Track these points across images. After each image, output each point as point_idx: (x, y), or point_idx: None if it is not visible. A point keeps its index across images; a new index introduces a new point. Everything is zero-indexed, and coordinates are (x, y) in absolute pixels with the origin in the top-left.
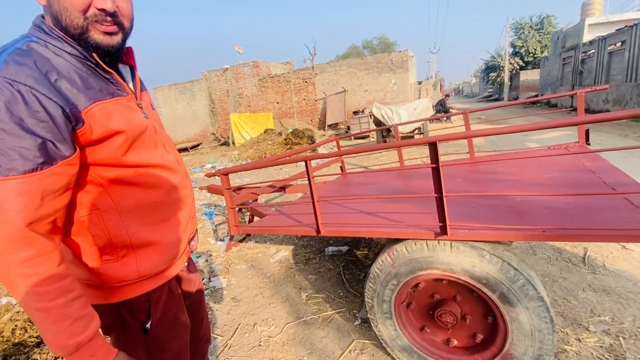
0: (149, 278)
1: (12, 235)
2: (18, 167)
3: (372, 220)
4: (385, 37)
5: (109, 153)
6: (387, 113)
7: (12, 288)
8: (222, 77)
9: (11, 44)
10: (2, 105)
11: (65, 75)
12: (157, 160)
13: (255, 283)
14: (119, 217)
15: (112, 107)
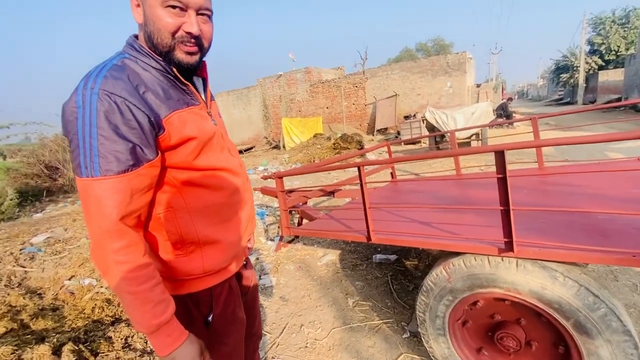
0: (212, 274)
1: (109, 227)
2: (113, 168)
3: (426, 231)
4: (440, 39)
5: (182, 157)
6: (442, 118)
7: (107, 273)
8: (276, 83)
9: (109, 60)
10: (102, 115)
11: (150, 87)
12: (222, 163)
13: (303, 284)
14: (189, 215)
15: (187, 115)
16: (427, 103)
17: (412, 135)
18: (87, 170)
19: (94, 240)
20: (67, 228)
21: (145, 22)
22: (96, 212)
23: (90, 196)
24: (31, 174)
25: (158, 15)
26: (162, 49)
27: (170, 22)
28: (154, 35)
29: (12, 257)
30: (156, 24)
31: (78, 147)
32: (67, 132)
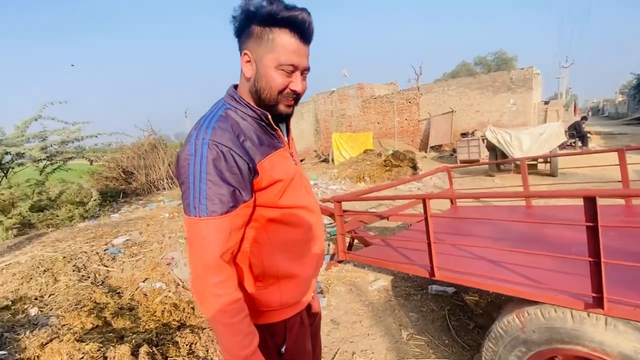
0: (288, 307)
1: (211, 263)
2: (218, 210)
3: (496, 271)
4: (502, 52)
5: (270, 197)
6: (505, 138)
7: (204, 304)
8: (329, 99)
9: (215, 111)
10: (211, 162)
11: (248, 136)
12: (301, 202)
13: (354, 309)
14: (272, 250)
15: (276, 159)
16: (488, 121)
17: (469, 154)
18: (196, 211)
19: (195, 273)
20: (142, 232)
21: (255, 78)
22: (200, 248)
23: (196, 234)
24: (111, 177)
25: (272, 76)
26: (267, 103)
27: (281, 82)
28: (264, 92)
29: (97, 257)
30: (269, 82)
31: (189, 189)
32: (180, 175)
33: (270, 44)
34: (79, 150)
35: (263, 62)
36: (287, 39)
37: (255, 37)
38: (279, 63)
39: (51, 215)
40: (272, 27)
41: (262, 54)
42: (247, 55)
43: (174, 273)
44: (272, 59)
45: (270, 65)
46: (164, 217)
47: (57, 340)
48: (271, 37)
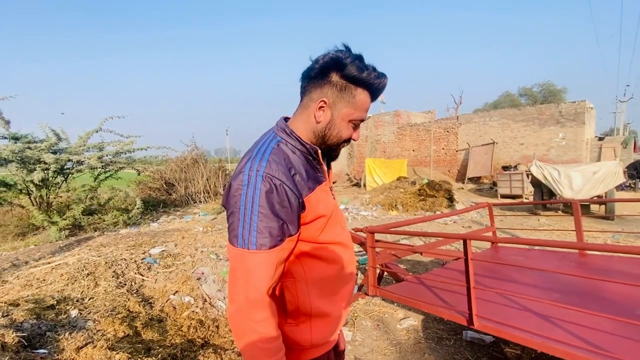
0: (317, 346)
1: (257, 298)
2: (267, 243)
3: (546, 328)
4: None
5: (311, 232)
6: (553, 174)
7: (243, 339)
8: (364, 124)
9: (268, 142)
10: (264, 194)
11: (297, 170)
12: (338, 238)
13: (380, 347)
14: (307, 286)
15: (320, 194)
16: (533, 155)
17: (511, 188)
18: (244, 243)
19: (237, 306)
20: (177, 244)
21: (328, 125)
22: (245, 281)
23: (242, 265)
24: (154, 187)
25: (344, 127)
26: (330, 147)
27: (348, 134)
28: (332, 138)
29: (135, 265)
30: (340, 133)
31: (239, 220)
32: (229, 205)
33: (351, 100)
34: (130, 161)
35: (340, 114)
36: (365, 99)
37: (336, 87)
38: (353, 118)
39: (99, 220)
40: (357, 85)
41: (341, 106)
42: (324, 102)
43: (202, 289)
44: (348, 113)
45: (345, 118)
46: (198, 230)
47: (92, 346)
48: (354, 93)
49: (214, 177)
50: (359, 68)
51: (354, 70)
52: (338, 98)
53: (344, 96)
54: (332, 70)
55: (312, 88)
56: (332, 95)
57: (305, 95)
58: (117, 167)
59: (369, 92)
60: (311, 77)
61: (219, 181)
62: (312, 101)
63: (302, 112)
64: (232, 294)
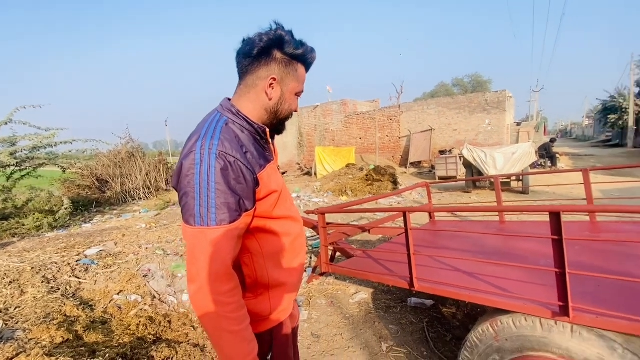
0: (275, 315)
1: (222, 271)
2: (227, 218)
3: (472, 283)
4: (478, 75)
5: (265, 207)
6: (480, 156)
7: (209, 314)
8: (312, 113)
9: (215, 122)
10: (219, 172)
11: (248, 147)
12: (289, 212)
13: (335, 322)
14: (264, 260)
15: (270, 171)
16: (465, 140)
17: (447, 170)
18: (203, 220)
19: (200, 284)
20: (117, 242)
21: (280, 101)
22: (207, 258)
23: (202, 243)
24: (84, 185)
25: (293, 100)
26: (280, 121)
27: (296, 106)
28: (284, 113)
29: (69, 268)
30: (291, 107)
31: (194, 199)
32: (182, 185)
33: (295, 74)
34: (51, 157)
35: (289, 88)
36: (303, 72)
37: (281, 64)
38: (298, 91)
39: (16, 224)
40: (297, 61)
41: (289, 81)
42: (274, 79)
43: (150, 285)
44: (294, 87)
45: (293, 91)
46: (141, 227)
47: (25, 355)
48: (296, 68)
49: (154, 172)
50: (297, 45)
51: (294, 47)
52: (285, 74)
53: (289, 72)
54: (274, 48)
55: (257, 67)
56: (279, 72)
57: (250, 75)
58: (36, 164)
59: (304, 66)
60: (253, 55)
61: (161, 175)
62: (260, 79)
63: (248, 92)
64: (192, 273)
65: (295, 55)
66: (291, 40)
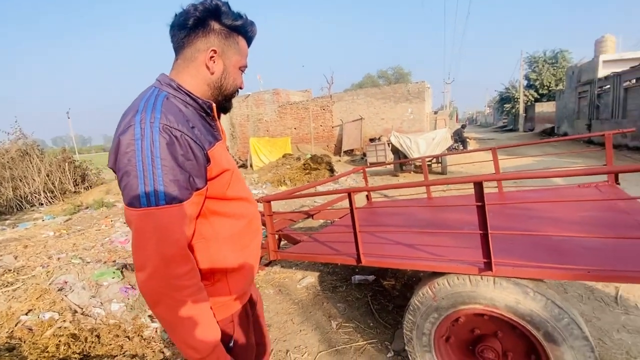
0: (235, 299)
1: (176, 252)
2: (177, 197)
3: (412, 253)
4: (399, 68)
5: (218, 187)
6: (406, 142)
7: (165, 301)
8: (244, 103)
9: (153, 97)
10: (164, 146)
11: (194, 123)
12: (243, 193)
13: (284, 308)
14: (219, 245)
15: (220, 149)
16: (392, 127)
17: (377, 157)
18: (149, 200)
19: (151, 269)
20: (17, 256)
21: (223, 74)
22: (158, 241)
23: (151, 225)
24: None
25: (237, 75)
26: (226, 97)
27: (241, 81)
28: (229, 88)
29: None
30: (235, 81)
31: (137, 178)
32: (120, 164)
33: (237, 47)
34: None
35: (232, 62)
36: (245, 45)
37: (221, 35)
38: (242, 65)
39: None
40: (237, 33)
41: (231, 53)
42: (214, 51)
43: (68, 299)
44: (237, 60)
45: (236, 65)
46: (48, 236)
47: None
48: (237, 40)
49: (58, 172)
50: (236, 16)
51: (232, 17)
52: (226, 46)
53: (230, 44)
54: (211, 18)
55: (194, 38)
56: (219, 44)
57: (187, 47)
58: None
59: (245, 39)
60: (189, 26)
61: (67, 176)
62: (199, 52)
63: (187, 66)
64: (141, 259)
65: (235, 27)
66: (228, 10)
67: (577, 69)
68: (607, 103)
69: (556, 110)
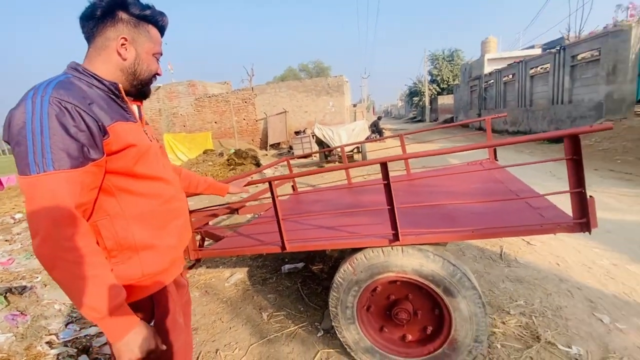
0: (151, 279)
1: (64, 214)
2: (65, 164)
3: (333, 234)
4: (320, 62)
5: (123, 162)
6: (329, 134)
7: (58, 263)
8: (154, 95)
9: (55, 78)
10: (54, 117)
11: (95, 100)
12: (158, 173)
13: (212, 309)
14: (126, 222)
15: (127, 127)
16: (315, 120)
17: (303, 149)
18: (39, 167)
19: (43, 234)
20: None
21: (135, 61)
22: (47, 203)
23: (40, 190)
24: None
25: (151, 61)
26: (142, 82)
27: (156, 67)
28: (143, 72)
29: None
30: (149, 67)
31: (27, 147)
32: (13, 136)
33: (148, 35)
34: None
35: (144, 48)
36: (156, 34)
37: (130, 24)
38: (155, 52)
39: None
40: (146, 22)
41: (142, 41)
42: (125, 39)
43: None
44: (150, 47)
45: (149, 51)
46: None
47: None
48: (147, 29)
49: None
50: (143, 6)
51: (139, 8)
52: (136, 34)
53: (140, 32)
54: (118, 9)
55: (104, 28)
56: (129, 32)
57: (97, 37)
58: None
59: (157, 28)
60: (97, 17)
61: None
62: (110, 40)
63: (99, 54)
64: (33, 225)
65: (143, 16)
66: (135, 1)
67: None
68: (492, 95)
69: (454, 102)
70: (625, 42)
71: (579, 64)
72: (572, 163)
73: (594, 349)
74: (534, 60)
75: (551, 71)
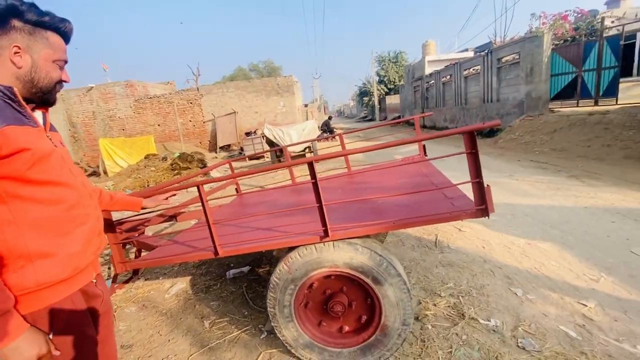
0: (49, 288)
1: None
2: None
3: (267, 235)
4: (270, 62)
5: (14, 167)
6: (279, 134)
7: None
8: (86, 97)
9: None
10: None
11: None
12: (60, 178)
13: (150, 323)
14: (18, 229)
15: (22, 131)
16: (265, 120)
17: (254, 150)
18: None
19: None
20: None
21: (32, 69)
22: None
23: None
24: None
25: (50, 68)
26: (43, 90)
27: (58, 75)
28: (42, 80)
29: None
30: (49, 74)
31: None
32: None
33: (46, 42)
34: None
35: (41, 56)
36: (59, 41)
37: (23, 32)
38: (55, 59)
39: None
40: (45, 29)
41: (38, 48)
42: (17, 47)
43: None
44: (48, 54)
45: (48, 59)
46: None
47: None
48: (45, 36)
49: None
50: (39, 13)
51: (36, 14)
52: (31, 41)
53: (37, 39)
54: (10, 17)
55: None
56: (23, 40)
57: None
58: None
59: (58, 34)
60: None
61: None
62: (2, 49)
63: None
64: None
65: (40, 23)
66: (30, 8)
67: (412, 67)
68: (433, 95)
69: (400, 101)
70: (539, 46)
71: (503, 66)
72: (471, 156)
73: (509, 319)
74: (467, 62)
75: (481, 72)
